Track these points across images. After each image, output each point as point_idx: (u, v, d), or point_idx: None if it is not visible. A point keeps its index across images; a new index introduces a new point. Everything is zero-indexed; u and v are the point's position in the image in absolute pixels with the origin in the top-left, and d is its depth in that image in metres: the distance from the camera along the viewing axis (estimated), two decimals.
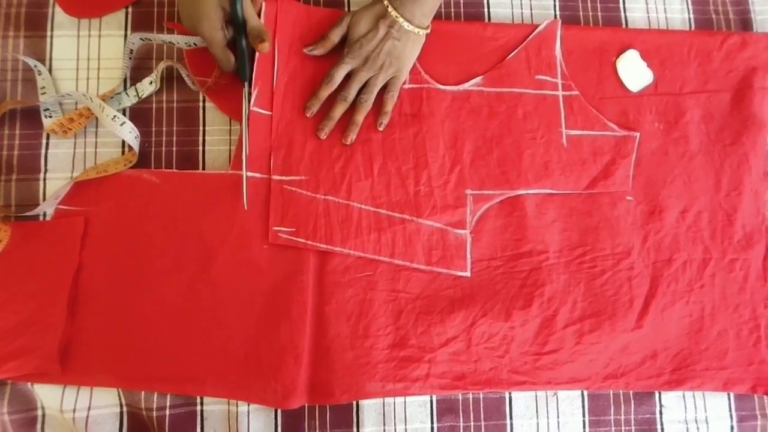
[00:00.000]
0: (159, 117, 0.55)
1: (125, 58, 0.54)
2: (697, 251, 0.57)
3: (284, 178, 0.54)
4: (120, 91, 0.55)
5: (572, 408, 0.53)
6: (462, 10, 0.61)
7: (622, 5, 0.63)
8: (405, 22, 0.54)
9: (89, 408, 0.49)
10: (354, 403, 0.51)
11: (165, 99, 0.56)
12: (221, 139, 0.55)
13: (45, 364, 0.48)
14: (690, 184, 0.58)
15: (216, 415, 0.50)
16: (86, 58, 0.56)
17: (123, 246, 0.52)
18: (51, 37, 0.56)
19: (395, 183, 0.55)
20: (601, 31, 0.61)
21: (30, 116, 0.54)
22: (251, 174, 0.53)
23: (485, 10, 0.61)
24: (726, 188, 0.58)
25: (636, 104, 0.59)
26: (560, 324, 0.54)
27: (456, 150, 0.56)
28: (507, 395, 0.53)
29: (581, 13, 0.62)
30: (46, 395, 0.49)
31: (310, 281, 0.52)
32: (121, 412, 0.49)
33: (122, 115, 0.53)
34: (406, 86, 0.57)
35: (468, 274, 0.54)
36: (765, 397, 0.55)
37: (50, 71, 0.55)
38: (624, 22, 0.62)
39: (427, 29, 0.56)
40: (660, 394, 0.54)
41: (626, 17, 0.62)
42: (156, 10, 0.57)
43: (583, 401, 0.53)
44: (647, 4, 0.63)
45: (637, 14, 0.63)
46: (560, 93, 0.59)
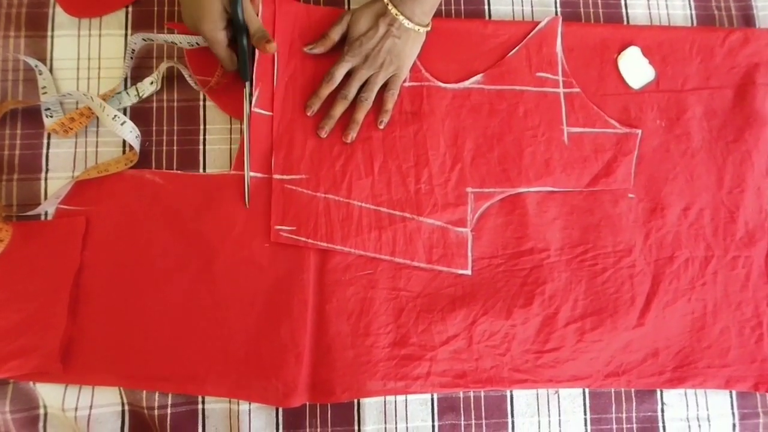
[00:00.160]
0: (160, 116, 0.55)
1: (126, 58, 0.55)
2: (699, 249, 0.56)
3: (285, 177, 0.54)
4: (120, 91, 0.55)
5: (573, 406, 0.53)
6: (462, 8, 0.61)
7: (624, 2, 0.62)
8: (405, 20, 0.53)
9: (91, 407, 0.49)
10: (355, 402, 0.51)
11: (166, 98, 0.56)
12: (222, 138, 0.55)
13: (46, 363, 0.48)
14: (692, 182, 0.58)
15: (217, 414, 0.50)
16: (87, 58, 0.56)
17: (124, 245, 0.52)
18: (52, 37, 0.56)
19: (396, 181, 0.55)
20: (602, 28, 0.61)
21: (31, 116, 0.54)
22: (252, 174, 0.53)
23: (486, 8, 0.61)
24: (728, 185, 0.58)
25: (637, 101, 0.59)
26: (561, 322, 0.53)
27: (457, 148, 0.56)
28: (508, 393, 0.53)
29: (582, 10, 0.62)
30: (48, 394, 0.49)
31: (311, 280, 0.52)
32: (123, 411, 0.50)
33: (123, 115, 0.53)
34: (407, 84, 0.57)
35: (469, 272, 0.54)
36: (767, 395, 0.55)
37: (51, 71, 0.55)
38: (625, 19, 0.62)
39: (428, 27, 0.56)
40: (662, 392, 0.54)
41: (627, 14, 0.62)
42: (156, 9, 0.57)
43: (585, 399, 0.53)
44: (648, 1, 0.63)
45: (639, 11, 0.62)
46: (561, 90, 0.58)
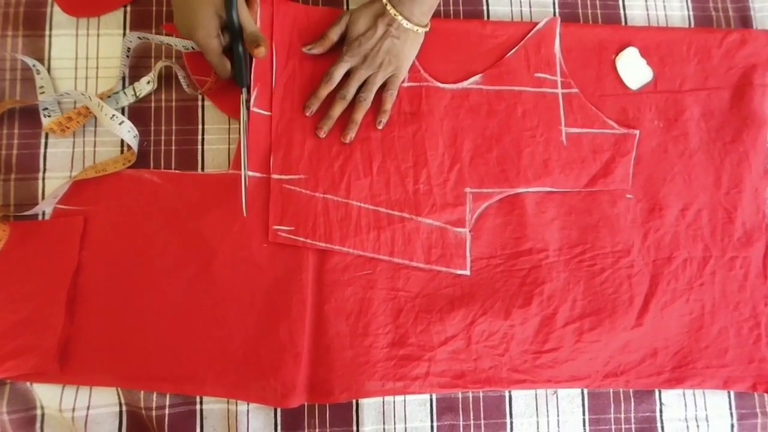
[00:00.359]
0: (158, 116, 0.55)
1: (123, 57, 0.54)
2: (697, 249, 0.57)
3: (283, 177, 0.54)
4: (118, 90, 0.55)
5: (572, 406, 0.53)
6: (461, 8, 0.61)
7: (622, 3, 0.62)
8: (404, 20, 0.53)
9: (88, 407, 0.49)
10: (353, 402, 0.51)
11: (164, 98, 0.56)
12: (220, 138, 0.55)
13: (44, 364, 0.48)
14: (690, 182, 0.58)
15: (215, 414, 0.50)
16: (85, 57, 0.56)
17: (122, 245, 0.52)
18: (49, 37, 0.56)
19: (394, 181, 0.55)
20: (601, 29, 0.61)
21: (29, 115, 0.54)
22: (251, 173, 0.53)
23: (484, 8, 0.61)
24: (726, 186, 0.58)
25: (635, 102, 0.59)
26: (560, 322, 0.53)
27: (455, 148, 0.56)
28: (507, 394, 0.53)
29: (580, 11, 0.62)
30: (45, 394, 0.49)
31: (310, 280, 0.52)
32: (121, 412, 0.49)
33: (121, 114, 0.53)
34: (405, 84, 0.57)
35: (467, 273, 0.54)
36: (765, 395, 0.55)
37: (49, 70, 0.55)
38: (623, 20, 0.62)
39: (426, 27, 0.56)
40: (660, 393, 0.54)
41: (625, 15, 0.62)
42: (154, 9, 0.57)
43: (583, 399, 0.53)
44: (646, 2, 0.63)
45: (637, 12, 0.62)
46: (560, 91, 0.58)
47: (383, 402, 0.51)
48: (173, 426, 0.49)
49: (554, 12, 0.61)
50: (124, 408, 0.49)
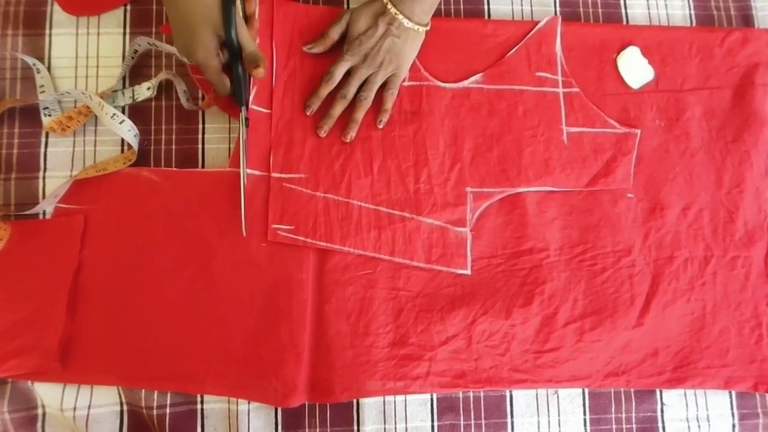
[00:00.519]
0: (158, 115, 0.55)
1: (128, 57, 0.54)
2: (699, 249, 0.56)
3: (284, 176, 0.54)
4: (117, 90, 0.55)
5: (573, 406, 0.53)
6: (462, 7, 0.61)
7: (623, 2, 0.62)
8: (404, 19, 0.53)
9: (89, 406, 0.49)
10: (354, 402, 0.51)
11: (164, 97, 0.55)
12: (220, 138, 0.55)
13: (45, 363, 0.48)
14: (691, 182, 0.58)
15: (216, 414, 0.50)
16: (85, 57, 0.56)
17: (122, 244, 0.52)
18: (50, 36, 0.56)
19: (395, 181, 0.55)
20: (602, 28, 0.61)
21: (29, 115, 0.54)
22: (250, 171, 0.53)
23: (485, 7, 0.61)
24: (727, 185, 0.58)
25: (637, 101, 0.59)
26: (561, 322, 0.53)
27: (456, 147, 0.56)
28: (508, 393, 0.53)
29: (581, 10, 0.61)
30: (47, 394, 0.49)
31: (310, 279, 0.52)
32: (122, 411, 0.49)
33: (121, 114, 0.53)
34: (406, 84, 0.57)
35: (468, 272, 0.54)
36: (767, 395, 0.55)
37: (49, 69, 0.55)
38: (624, 19, 0.62)
39: (427, 26, 0.55)
40: (661, 392, 0.54)
41: (627, 14, 0.62)
42: (155, 8, 0.57)
43: (584, 399, 0.53)
44: (648, 1, 0.63)
45: (638, 11, 0.62)
46: (561, 90, 0.58)
47: (384, 402, 0.51)
48: (174, 425, 0.49)
49: (555, 11, 0.61)
50: (125, 407, 0.50)
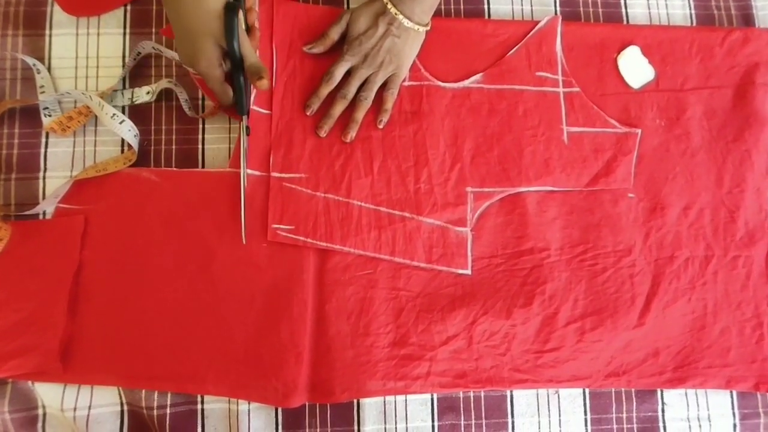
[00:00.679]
0: (158, 116, 0.55)
1: (130, 59, 0.54)
2: (699, 248, 0.56)
3: (284, 176, 0.54)
4: (117, 90, 0.55)
5: (574, 406, 0.53)
6: (462, 7, 0.60)
7: (623, 1, 0.62)
8: (405, 19, 0.53)
9: (90, 407, 0.49)
10: (355, 402, 0.51)
11: (164, 97, 0.55)
12: (220, 138, 0.55)
13: (45, 363, 0.48)
14: (692, 181, 0.58)
15: (216, 414, 0.50)
16: (85, 57, 0.56)
17: (123, 244, 0.52)
18: (50, 36, 0.56)
19: (395, 181, 0.55)
20: (602, 27, 0.61)
21: (29, 115, 0.54)
22: (251, 171, 0.53)
23: (485, 7, 0.61)
24: (728, 185, 0.58)
25: (637, 101, 0.59)
26: (561, 322, 0.53)
27: (456, 147, 0.56)
28: (508, 393, 0.53)
29: (582, 9, 0.61)
30: (47, 394, 0.49)
31: (310, 279, 0.52)
32: (122, 411, 0.49)
33: (121, 114, 0.53)
34: (406, 83, 0.57)
35: (469, 272, 0.54)
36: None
37: (49, 70, 0.55)
38: (625, 18, 0.62)
39: (427, 26, 0.55)
40: (662, 392, 0.54)
41: (627, 13, 0.62)
42: (155, 8, 0.57)
43: (585, 399, 0.53)
44: (648, 0, 0.63)
45: (638, 10, 0.62)
46: (561, 90, 0.58)
47: (384, 402, 0.51)
48: (174, 425, 0.49)
49: (555, 11, 0.61)
50: (126, 407, 0.50)
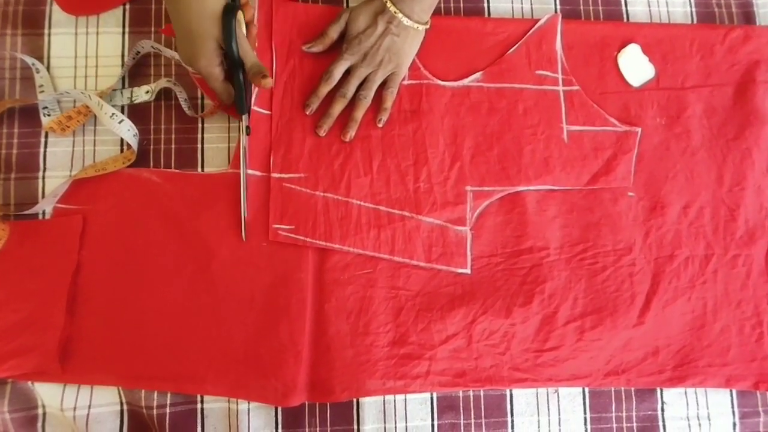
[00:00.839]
0: (158, 115, 0.55)
1: (129, 58, 0.54)
2: (699, 247, 0.56)
3: (284, 176, 0.54)
4: (116, 89, 0.55)
5: (573, 405, 0.53)
6: (461, 5, 0.60)
7: None
8: (404, 18, 0.53)
9: (89, 406, 0.49)
10: (354, 401, 0.51)
11: (164, 97, 0.55)
12: (220, 137, 0.55)
13: (45, 363, 0.48)
14: (692, 180, 0.58)
15: (216, 413, 0.50)
16: (84, 56, 0.56)
17: (122, 244, 0.52)
18: (49, 35, 0.56)
19: (395, 180, 0.55)
20: (602, 26, 0.60)
21: (28, 115, 0.54)
22: (251, 172, 0.53)
23: (485, 5, 0.61)
24: (728, 183, 0.58)
25: (637, 99, 0.59)
26: (561, 321, 0.53)
27: (456, 146, 0.56)
28: (508, 392, 0.53)
29: (582, 8, 0.61)
30: (47, 394, 0.49)
31: (310, 279, 0.52)
32: (122, 410, 0.50)
33: (121, 113, 0.53)
34: (406, 82, 0.57)
35: (468, 271, 0.54)
36: (767, 394, 0.55)
37: (48, 69, 0.55)
38: (625, 16, 0.62)
39: (427, 25, 0.55)
40: (662, 391, 0.54)
41: (627, 11, 0.62)
42: (154, 8, 0.57)
43: (584, 398, 0.53)
44: None
45: (638, 8, 0.62)
46: (561, 88, 0.58)
47: (384, 401, 0.51)
48: (174, 425, 0.49)
49: (555, 9, 0.61)
50: (125, 407, 0.50)
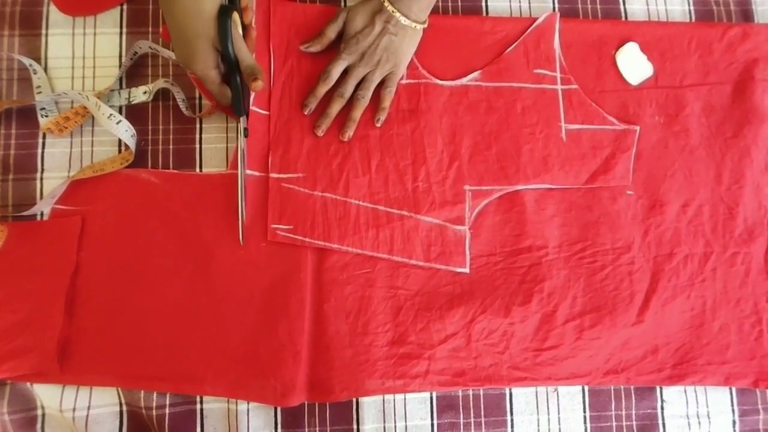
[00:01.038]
0: (155, 116, 0.55)
1: (127, 58, 0.54)
2: (698, 245, 0.56)
3: (282, 176, 0.54)
4: (114, 89, 0.54)
5: (573, 404, 0.53)
6: (459, 4, 0.60)
7: None
8: (402, 17, 0.53)
9: (89, 407, 0.49)
10: (354, 401, 0.51)
11: (161, 97, 0.55)
12: (218, 137, 0.55)
13: (43, 364, 0.48)
14: (691, 178, 0.58)
15: (216, 414, 0.50)
16: (81, 57, 0.55)
17: (121, 245, 0.52)
18: (46, 36, 0.56)
19: (393, 179, 0.55)
20: (601, 24, 0.60)
21: (26, 116, 0.54)
22: (250, 172, 0.53)
23: (483, 4, 0.61)
24: (727, 181, 0.58)
25: (636, 97, 0.59)
26: (560, 319, 0.53)
27: (454, 145, 0.56)
28: (507, 391, 0.53)
29: (580, 6, 0.61)
30: (46, 395, 0.49)
31: (309, 279, 0.52)
32: (121, 411, 0.49)
33: (118, 114, 0.52)
34: (404, 82, 0.57)
35: (467, 271, 0.54)
36: (767, 392, 0.55)
37: (46, 70, 0.55)
38: (623, 15, 0.62)
39: (424, 24, 0.55)
40: (661, 389, 0.54)
41: (625, 10, 0.62)
42: (151, 8, 0.57)
43: (584, 397, 0.53)
44: None
45: (637, 6, 0.62)
46: (559, 87, 0.58)
47: (383, 400, 0.51)
48: (174, 425, 0.49)
49: (553, 7, 0.61)
50: (125, 408, 0.50)
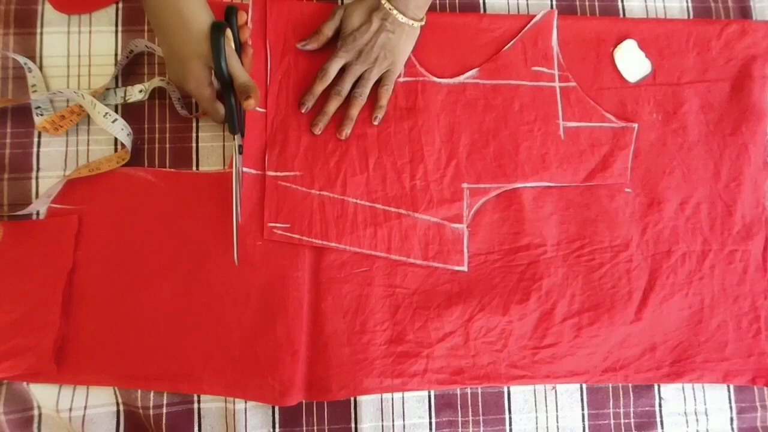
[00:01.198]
0: (152, 114, 0.55)
1: (123, 57, 0.54)
2: (697, 243, 0.56)
3: (279, 174, 0.53)
4: (110, 88, 0.54)
5: (571, 402, 0.53)
6: (457, 2, 0.60)
7: None
8: (399, 15, 0.53)
9: (85, 407, 0.49)
10: (352, 399, 0.51)
11: (157, 96, 0.55)
12: (214, 136, 0.55)
13: (40, 364, 0.48)
14: (689, 175, 0.58)
15: (213, 413, 0.50)
16: (77, 55, 0.55)
17: (117, 244, 0.51)
18: (41, 34, 0.55)
19: (391, 177, 0.54)
20: (599, 21, 0.60)
21: (21, 114, 0.53)
22: (246, 170, 0.53)
23: (480, 1, 0.60)
24: (725, 179, 0.58)
25: (634, 95, 0.59)
26: (558, 317, 0.53)
27: (452, 143, 0.56)
28: (505, 389, 0.53)
29: (578, 3, 0.61)
30: (42, 395, 0.49)
31: (306, 277, 0.52)
32: (118, 411, 0.49)
33: (114, 112, 0.52)
34: (401, 79, 0.57)
35: (465, 269, 0.54)
36: (765, 389, 0.55)
37: (41, 68, 0.55)
38: (621, 12, 0.62)
39: (422, 21, 0.55)
40: (659, 387, 0.54)
41: (624, 7, 0.62)
42: None
43: (582, 395, 0.53)
44: None
45: (635, 3, 0.62)
46: (557, 84, 0.58)
47: (381, 399, 0.51)
48: (171, 425, 0.49)
49: (551, 4, 0.61)
50: (122, 407, 0.49)
